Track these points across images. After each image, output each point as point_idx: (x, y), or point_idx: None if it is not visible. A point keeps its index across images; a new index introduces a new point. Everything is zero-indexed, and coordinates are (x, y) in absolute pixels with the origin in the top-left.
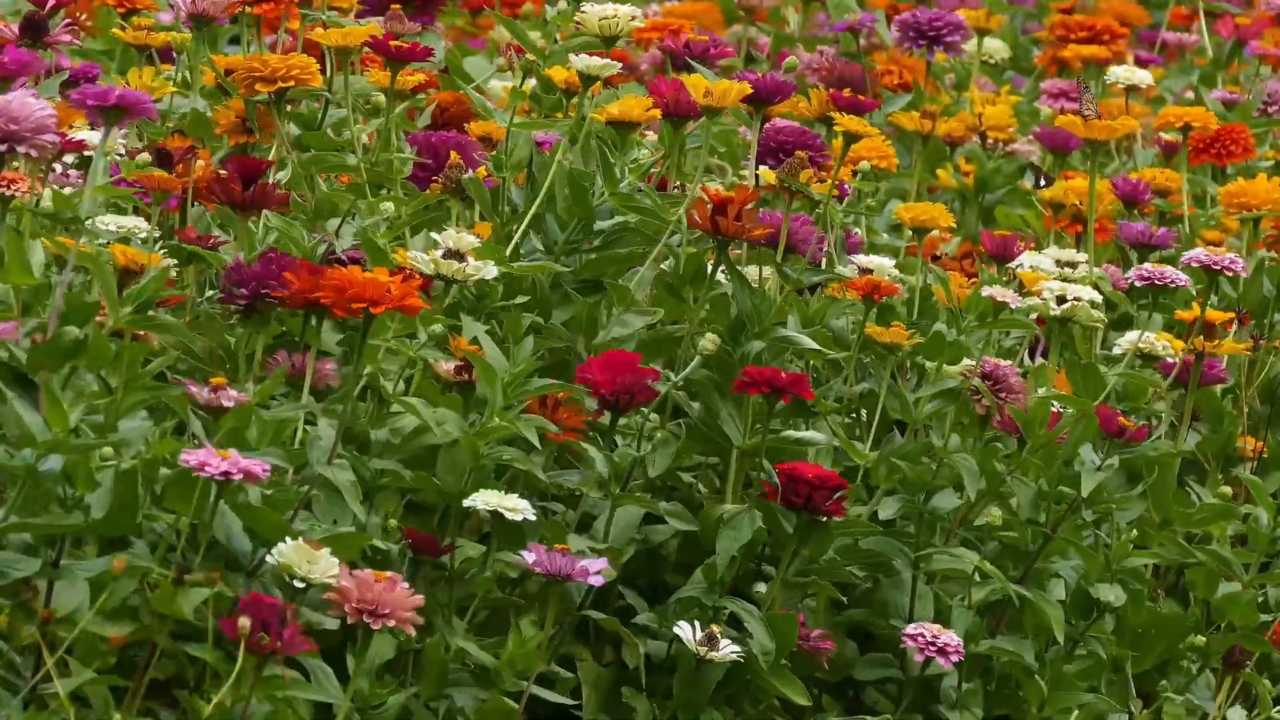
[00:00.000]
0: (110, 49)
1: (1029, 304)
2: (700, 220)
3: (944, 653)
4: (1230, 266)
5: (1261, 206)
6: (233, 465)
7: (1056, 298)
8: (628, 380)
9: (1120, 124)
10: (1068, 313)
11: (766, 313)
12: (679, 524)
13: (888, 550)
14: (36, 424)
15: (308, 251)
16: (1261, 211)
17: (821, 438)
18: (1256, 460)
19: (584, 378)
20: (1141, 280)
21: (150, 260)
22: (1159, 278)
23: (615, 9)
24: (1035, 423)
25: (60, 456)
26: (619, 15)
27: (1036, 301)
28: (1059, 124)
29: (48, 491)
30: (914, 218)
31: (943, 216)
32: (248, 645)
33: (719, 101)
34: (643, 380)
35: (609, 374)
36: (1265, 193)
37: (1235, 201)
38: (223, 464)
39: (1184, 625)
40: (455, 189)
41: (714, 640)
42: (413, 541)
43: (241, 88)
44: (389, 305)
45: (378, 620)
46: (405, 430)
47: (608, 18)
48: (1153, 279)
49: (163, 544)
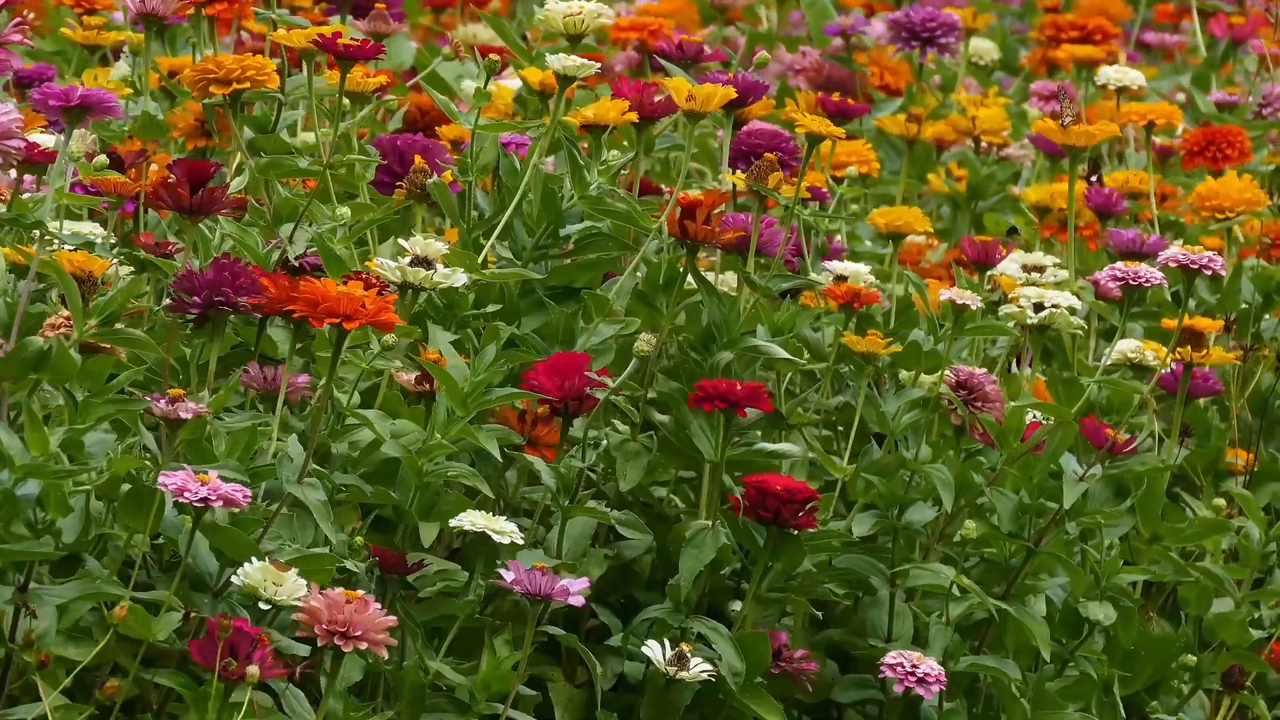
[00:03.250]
0: (61, 50)
1: (1007, 311)
2: (669, 225)
3: (924, 683)
4: (1209, 265)
5: (1234, 209)
6: (212, 491)
7: (1034, 305)
8: (576, 383)
9: (1098, 129)
10: (1046, 320)
11: (735, 321)
12: (633, 534)
13: (862, 567)
14: (15, 447)
15: (262, 258)
16: (1234, 215)
17: (796, 450)
18: (1248, 474)
19: (531, 384)
20: (1115, 280)
21: (98, 267)
22: (1133, 277)
23: (580, 5)
24: (1010, 433)
25: (39, 482)
26: (584, 12)
27: (1014, 309)
28: (1036, 129)
29: (17, 513)
30: (888, 223)
31: (918, 221)
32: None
33: (702, 106)
34: (591, 382)
35: (557, 378)
36: (1238, 193)
37: (1207, 204)
38: (202, 489)
39: (1175, 645)
40: (420, 194)
41: (684, 659)
42: (381, 560)
43: (195, 90)
44: (363, 320)
45: (349, 642)
46: (364, 443)
47: (573, 15)
48: (1127, 279)
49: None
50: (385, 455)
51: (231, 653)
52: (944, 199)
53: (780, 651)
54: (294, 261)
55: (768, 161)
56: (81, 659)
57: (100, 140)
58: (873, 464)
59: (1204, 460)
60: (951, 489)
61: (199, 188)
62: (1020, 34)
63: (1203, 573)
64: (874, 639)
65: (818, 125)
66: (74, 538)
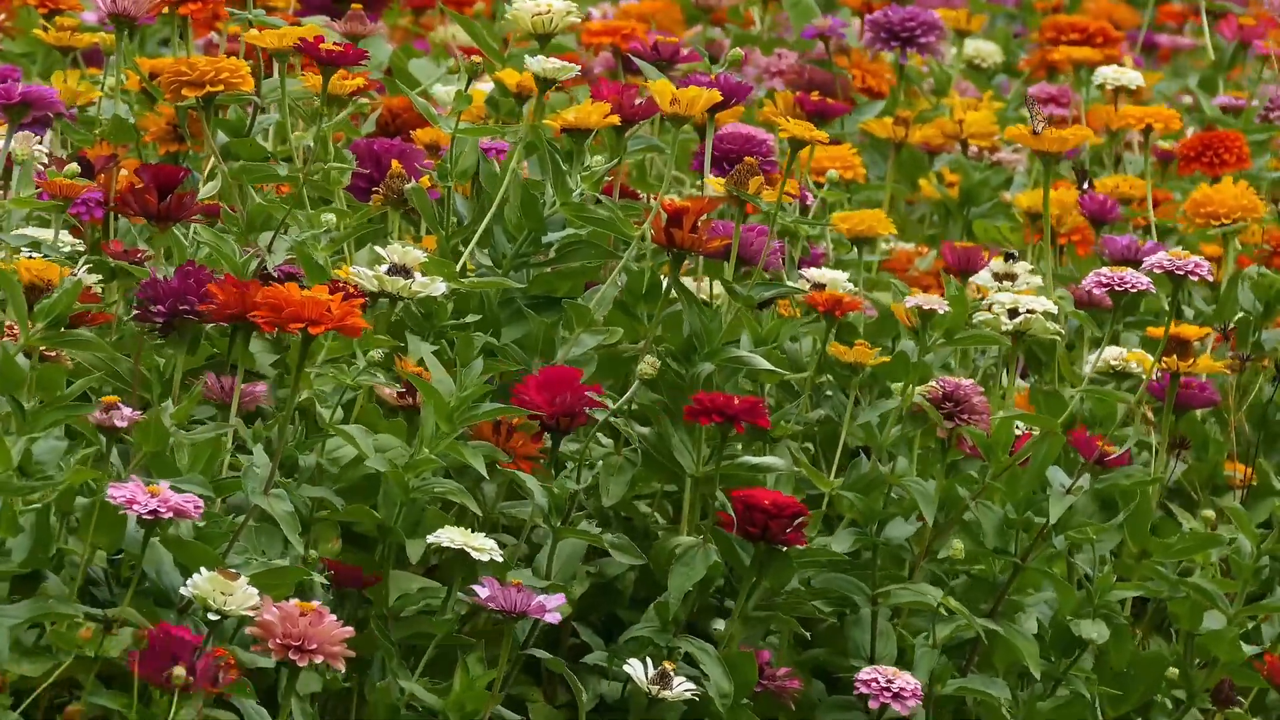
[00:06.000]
0: (31, 51)
1: (981, 318)
2: (654, 232)
3: (899, 698)
4: (1195, 271)
5: (1230, 215)
6: (161, 503)
7: (1008, 311)
8: (568, 400)
9: (1071, 134)
10: (1021, 325)
11: (717, 332)
12: (626, 558)
13: (844, 586)
14: None
15: (238, 267)
16: (1229, 222)
17: (781, 463)
18: (1245, 489)
19: (521, 399)
20: (1100, 286)
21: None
22: (1118, 283)
23: (549, 4)
24: (997, 446)
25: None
26: (553, 11)
27: (988, 316)
28: (1009, 136)
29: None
30: (851, 227)
31: (881, 224)
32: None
33: (687, 110)
34: (586, 399)
35: (548, 394)
36: (1234, 199)
37: (1201, 211)
38: (151, 501)
39: (1167, 663)
40: (397, 200)
41: (666, 678)
42: (335, 574)
43: (168, 92)
44: (329, 326)
45: (304, 656)
46: (344, 459)
47: (541, 14)
48: (1112, 284)
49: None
50: (366, 470)
51: (172, 663)
52: (935, 205)
53: (763, 670)
54: (271, 271)
55: (748, 166)
56: (35, 675)
57: (72, 144)
58: (860, 479)
59: (1201, 474)
60: (933, 502)
61: (167, 193)
62: (1022, 36)
63: (1194, 588)
64: (857, 659)
65: (799, 130)
66: (24, 555)
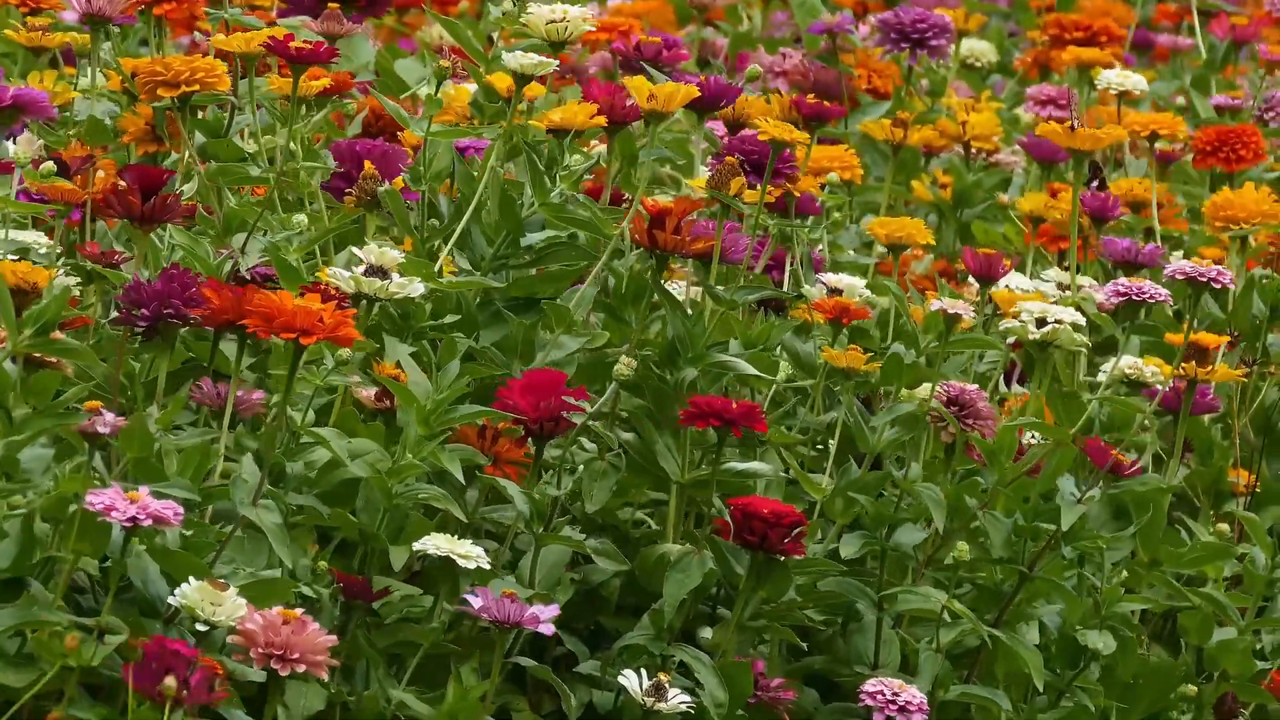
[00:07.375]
0: (11, 52)
1: (1006, 327)
2: (639, 234)
3: (905, 711)
4: (1217, 279)
5: (1250, 220)
6: (141, 510)
7: (1036, 320)
8: (553, 404)
9: (1106, 133)
10: (1048, 336)
11: (700, 336)
12: (609, 564)
13: (849, 591)
14: None
15: (213, 269)
16: (1250, 226)
17: (768, 469)
18: (1249, 495)
19: (505, 403)
20: (1118, 296)
21: (42, 278)
22: (1137, 293)
23: (564, 10)
24: (1002, 452)
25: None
26: (569, 18)
27: (1014, 324)
28: (1040, 132)
29: None
30: (889, 234)
31: (920, 233)
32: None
33: (664, 106)
34: (570, 403)
35: (532, 397)
36: (1254, 204)
37: (1221, 215)
38: (131, 508)
39: (1175, 675)
40: (370, 201)
41: (661, 690)
42: (345, 586)
43: (143, 93)
44: (321, 336)
45: (286, 665)
46: (320, 463)
47: (556, 21)
48: (1130, 294)
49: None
50: (346, 476)
51: (166, 676)
52: (929, 207)
53: (757, 680)
54: (245, 273)
55: (729, 166)
56: (21, 685)
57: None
58: (853, 482)
59: (1204, 480)
60: (943, 508)
61: (151, 195)
62: (1017, 36)
63: (1205, 599)
64: (859, 666)
65: (779, 131)
66: (9, 562)
